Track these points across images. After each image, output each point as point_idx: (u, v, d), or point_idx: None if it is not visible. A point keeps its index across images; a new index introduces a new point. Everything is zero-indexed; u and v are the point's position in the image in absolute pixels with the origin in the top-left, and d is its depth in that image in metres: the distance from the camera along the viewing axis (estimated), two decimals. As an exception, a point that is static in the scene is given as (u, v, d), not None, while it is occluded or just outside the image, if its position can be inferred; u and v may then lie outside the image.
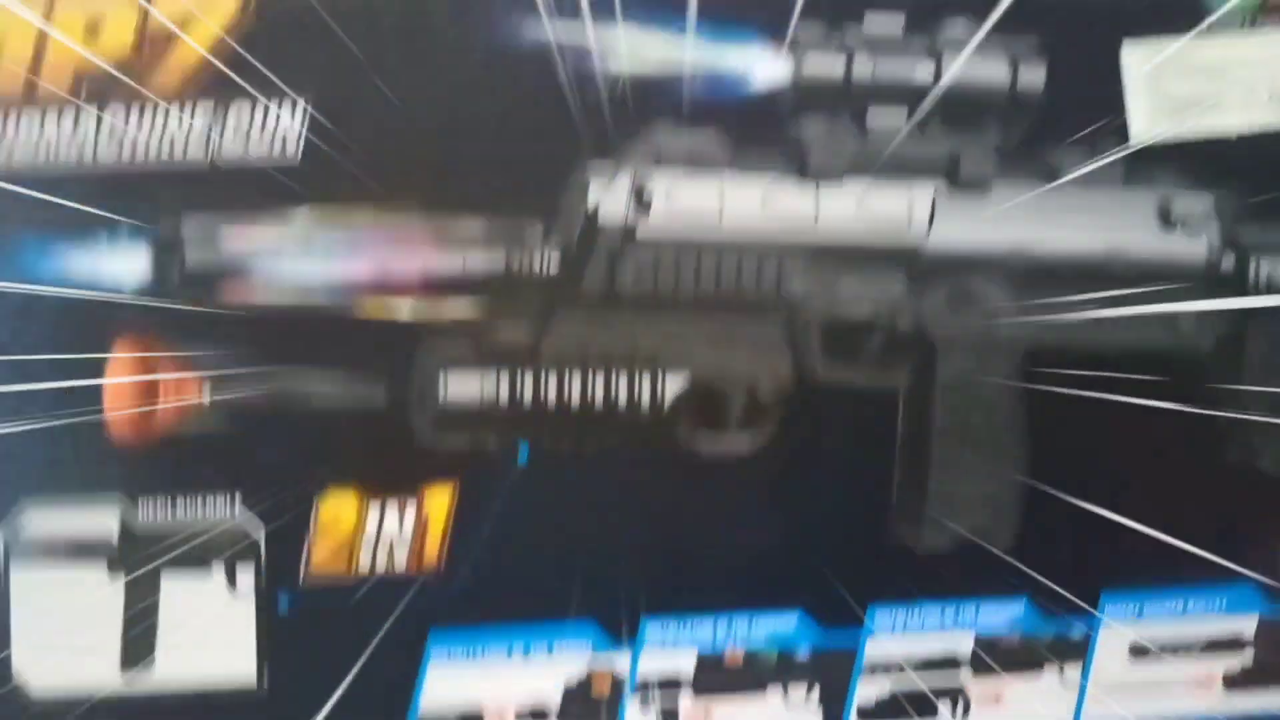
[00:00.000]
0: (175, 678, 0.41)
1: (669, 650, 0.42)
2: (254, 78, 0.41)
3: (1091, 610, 0.43)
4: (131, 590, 0.42)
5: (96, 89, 0.41)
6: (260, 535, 0.42)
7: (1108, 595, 0.43)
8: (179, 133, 0.42)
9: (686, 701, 0.42)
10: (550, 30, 0.42)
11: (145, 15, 0.41)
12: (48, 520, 0.41)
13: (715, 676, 0.42)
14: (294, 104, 0.41)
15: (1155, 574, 0.42)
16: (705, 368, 0.43)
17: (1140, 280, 0.44)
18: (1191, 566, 0.42)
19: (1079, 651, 0.43)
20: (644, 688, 0.42)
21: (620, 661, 0.42)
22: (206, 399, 0.41)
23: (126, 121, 0.41)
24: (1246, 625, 0.43)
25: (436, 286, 0.42)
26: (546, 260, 0.42)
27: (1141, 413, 0.43)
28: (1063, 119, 0.43)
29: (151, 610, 0.42)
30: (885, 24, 0.43)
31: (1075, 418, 0.43)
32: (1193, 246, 0.44)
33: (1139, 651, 0.43)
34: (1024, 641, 0.43)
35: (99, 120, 0.41)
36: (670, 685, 0.42)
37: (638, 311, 0.42)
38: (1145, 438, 0.43)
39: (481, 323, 0.42)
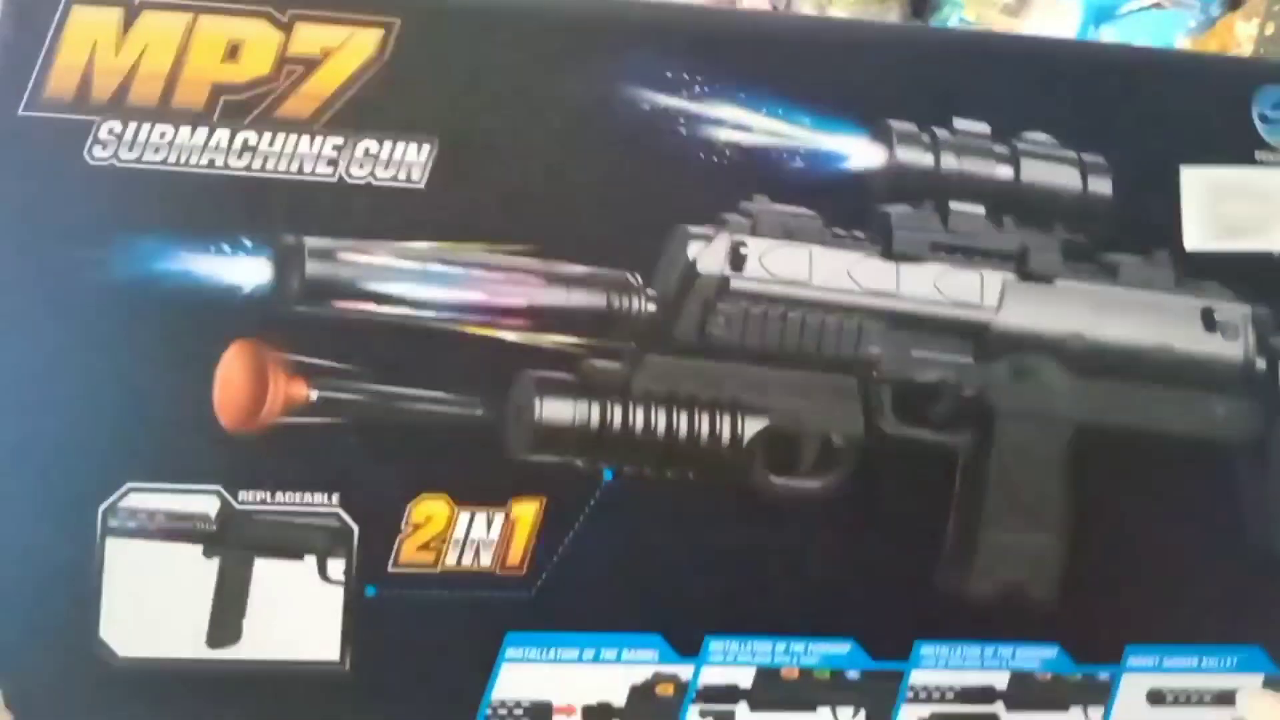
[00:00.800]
0: (260, 652, 0.44)
1: (729, 667, 0.46)
2: (385, 115, 0.44)
3: (1116, 658, 0.47)
4: (224, 572, 0.44)
5: (231, 108, 0.44)
6: (354, 534, 0.44)
7: (1131, 648, 0.47)
8: (309, 154, 0.44)
9: (744, 711, 0.46)
10: (667, 98, 0.45)
11: (284, 45, 0.44)
12: (150, 501, 0.44)
13: (771, 692, 0.46)
14: (420, 144, 0.44)
15: (1175, 632, 0.47)
16: (783, 414, 0.46)
17: (1182, 373, 0.49)
18: (1208, 628, 0.47)
19: (1103, 694, 0.47)
20: (704, 696, 0.45)
21: (684, 672, 0.45)
22: (314, 399, 0.44)
23: (259, 138, 0.44)
24: (1253, 682, 0.48)
25: (540, 318, 0.45)
26: (644, 304, 0.45)
27: (1174, 488, 0.48)
28: (1124, 226, 0.48)
29: (242, 592, 0.44)
30: (972, 127, 0.47)
31: (1115, 488, 0.48)
32: (1230, 349, 0.49)
33: (1156, 698, 0.47)
34: (1054, 681, 0.47)
35: (232, 135, 0.44)
36: (729, 696, 0.46)
37: (724, 357, 0.46)
38: (1176, 511, 0.48)
39: (579, 355, 0.45)
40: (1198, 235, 0.48)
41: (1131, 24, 0.86)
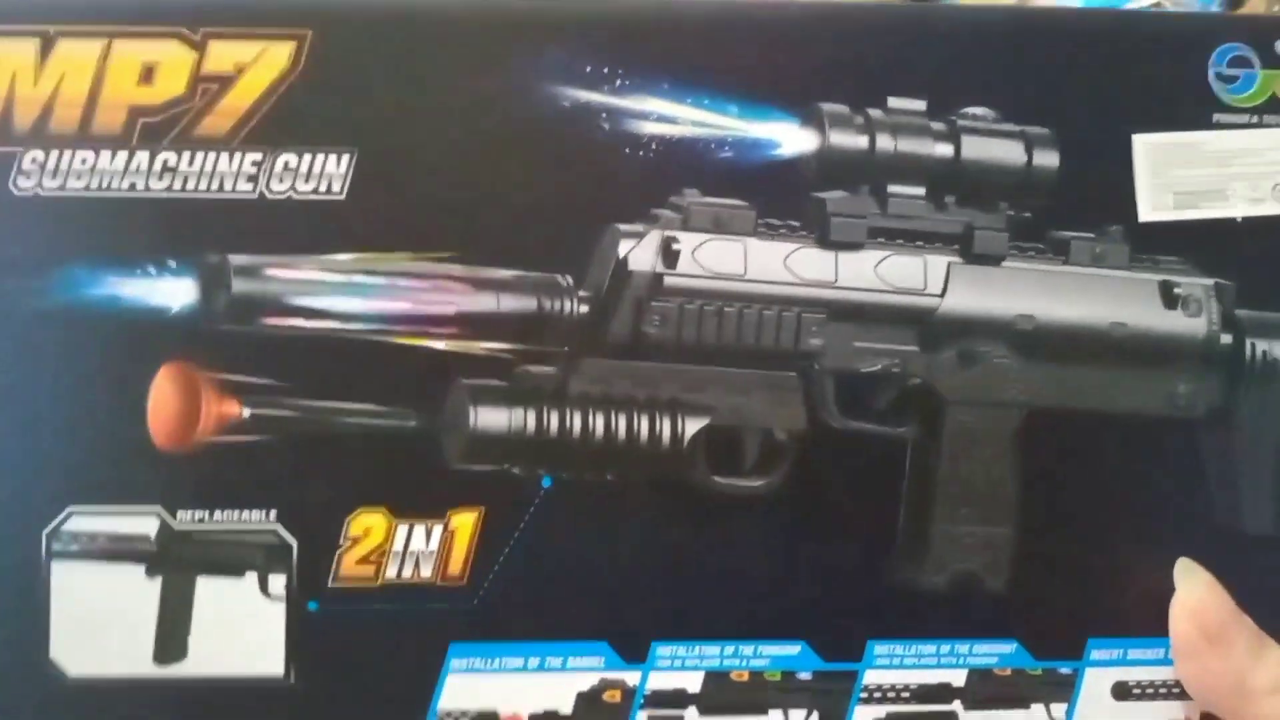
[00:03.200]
0: (206, 668, 0.45)
1: (677, 672, 0.46)
2: (302, 128, 0.45)
3: (1078, 653, 0.46)
4: (167, 591, 0.45)
5: (149, 130, 0.44)
6: (293, 550, 0.45)
7: (1094, 641, 0.46)
8: (229, 171, 0.44)
9: (693, 716, 0.46)
10: (588, 94, 0.45)
11: (198, 63, 0.44)
12: (91, 524, 0.45)
13: (721, 696, 0.46)
14: (339, 155, 0.45)
15: (1140, 623, 0.46)
16: (723, 412, 0.46)
17: (1141, 352, 0.47)
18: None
19: (1066, 689, 0.46)
20: (653, 702, 0.46)
21: (631, 679, 0.46)
22: (246, 417, 0.45)
23: (179, 159, 0.44)
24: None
25: (470, 325, 0.45)
26: (576, 306, 0.45)
27: (1133, 473, 0.47)
28: (1074, 201, 0.47)
29: (186, 609, 0.45)
30: (907, 105, 0.46)
31: (1071, 474, 0.47)
32: (1191, 325, 0.47)
33: (1122, 692, 0.46)
34: (1014, 677, 0.46)
35: (151, 157, 0.44)
36: (678, 701, 0.46)
37: (661, 356, 0.46)
38: (1136, 496, 0.47)
39: (512, 361, 0.45)
40: (1153, 206, 0.47)
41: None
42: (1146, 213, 0.47)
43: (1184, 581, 0.45)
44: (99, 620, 0.45)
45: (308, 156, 0.45)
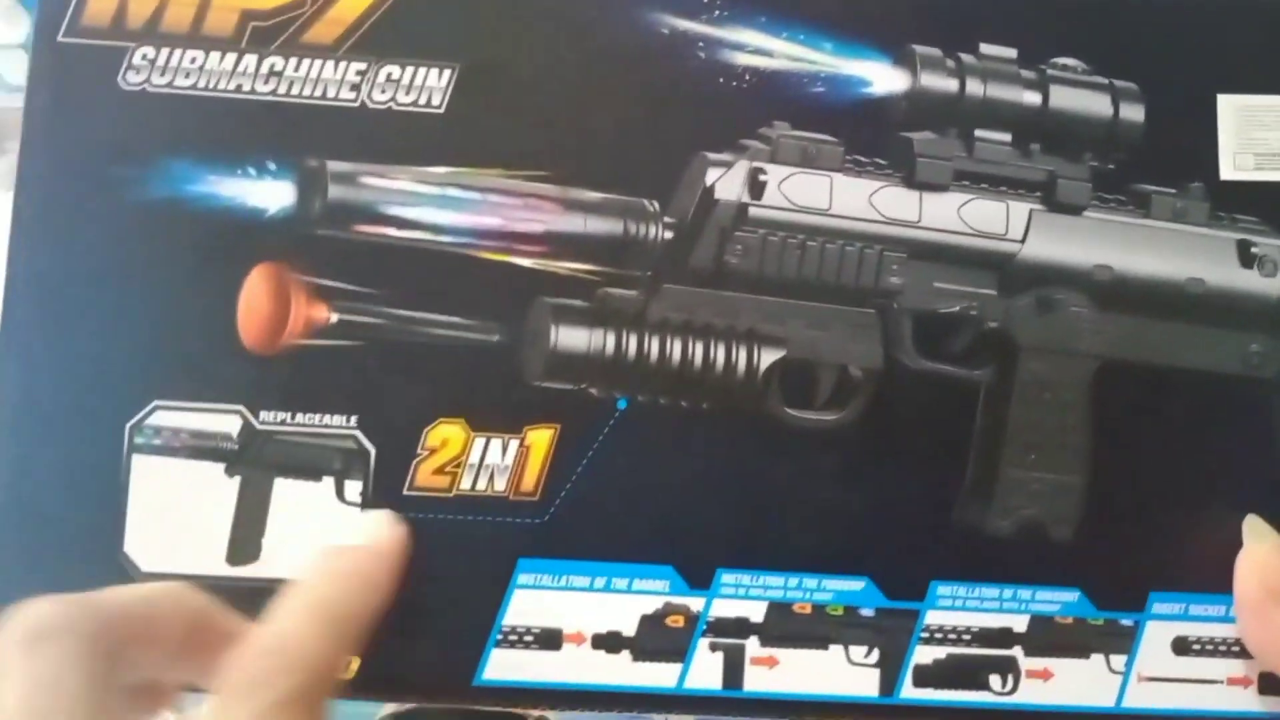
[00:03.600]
0: (279, 571, 0.45)
1: (741, 600, 0.46)
2: (407, 41, 0.46)
3: (1140, 606, 0.47)
4: (244, 491, 0.46)
5: (258, 34, 0.46)
6: (371, 456, 0.46)
7: (1156, 594, 0.47)
8: (333, 79, 0.46)
9: (754, 645, 0.46)
10: (687, 22, 0.46)
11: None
12: (175, 419, 0.46)
13: (783, 627, 0.46)
14: (441, 69, 0.46)
15: (1202, 579, 0.46)
16: (800, 345, 0.47)
17: (1215, 309, 0.48)
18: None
19: (1126, 641, 0.46)
20: (715, 629, 0.46)
21: (694, 604, 0.46)
22: (334, 321, 0.46)
23: (285, 64, 0.45)
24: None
25: (556, 244, 0.46)
26: (660, 231, 0.46)
27: (1203, 430, 0.47)
28: (1157, 156, 0.48)
29: (262, 511, 0.46)
30: (998, 52, 0.47)
31: (1142, 428, 0.47)
32: (1267, 285, 0.48)
33: (1181, 647, 0.46)
34: (1075, 626, 0.46)
35: (259, 60, 0.45)
36: (740, 630, 0.46)
37: (742, 286, 0.47)
38: (1205, 453, 0.47)
39: (595, 282, 0.46)
40: (1235, 165, 0.48)
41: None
42: (1228, 171, 0.48)
43: (1252, 538, 0.45)
44: (175, 517, 0.45)
45: (410, 69, 0.46)
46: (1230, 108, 0.48)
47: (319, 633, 0.39)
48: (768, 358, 0.47)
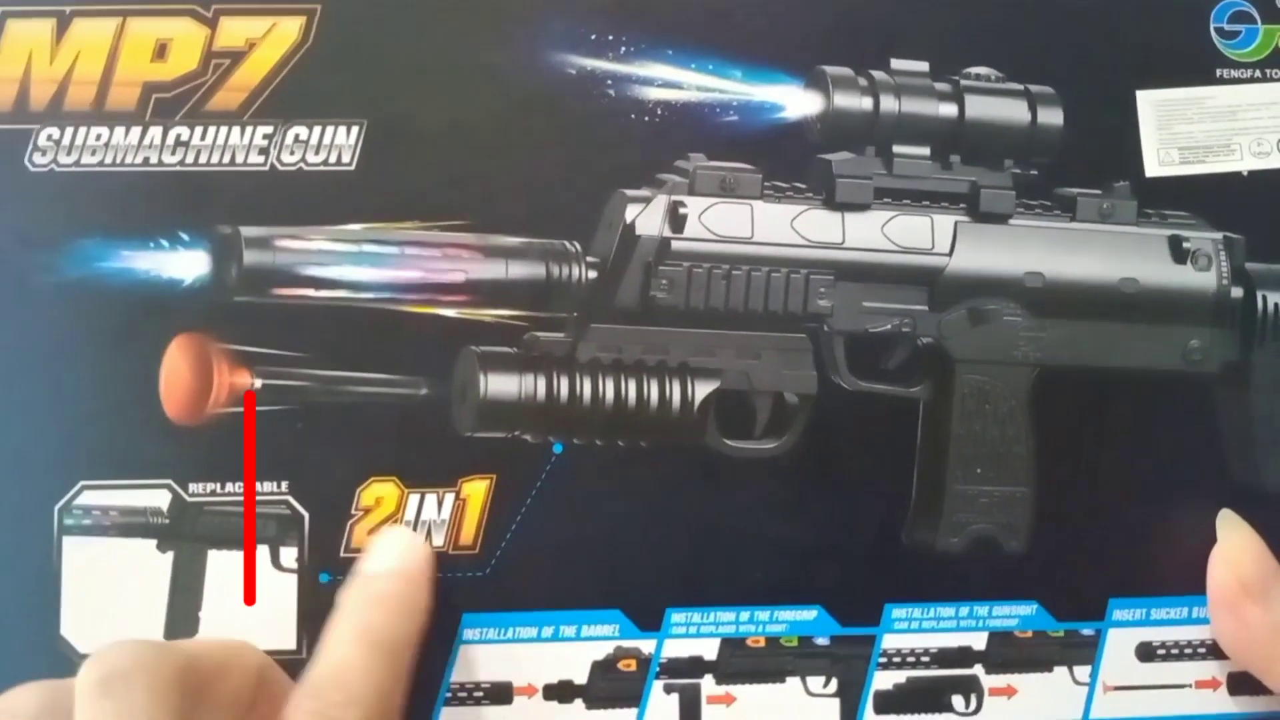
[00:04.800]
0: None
1: (692, 639, 0.45)
2: (312, 101, 0.46)
3: (1100, 614, 0.46)
4: (178, 565, 0.45)
5: (162, 106, 0.46)
6: (305, 521, 0.45)
7: (1115, 601, 0.46)
8: (241, 144, 0.45)
9: (710, 684, 0.45)
10: (593, 61, 0.46)
11: (210, 39, 0.45)
12: (103, 498, 0.45)
13: (737, 662, 0.46)
14: (349, 127, 0.46)
15: (1161, 582, 0.46)
16: (734, 375, 0.47)
17: (1152, 308, 0.48)
18: (1196, 576, 0.46)
19: (1089, 651, 0.46)
20: (668, 670, 0.45)
21: (645, 647, 0.45)
22: (257, 387, 0.45)
23: (191, 133, 0.45)
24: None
25: (480, 292, 0.45)
26: (584, 272, 0.45)
27: (1149, 430, 0.47)
28: (1080, 158, 0.48)
29: (197, 583, 0.45)
30: (911, 67, 0.47)
31: (1087, 433, 0.47)
32: (1201, 279, 0.48)
33: (1146, 653, 0.46)
34: (1036, 639, 0.46)
35: (164, 132, 0.45)
36: (694, 669, 0.46)
37: (670, 320, 0.46)
38: (1152, 454, 0.47)
39: (522, 327, 0.46)
40: (1159, 161, 0.47)
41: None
42: (1153, 168, 0.48)
43: (1225, 532, 0.45)
44: (110, 596, 0.45)
45: (318, 128, 0.46)
46: (1150, 103, 0.48)
47: (377, 664, 0.39)
48: (702, 390, 0.46)
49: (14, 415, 0.45)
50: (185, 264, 0.45)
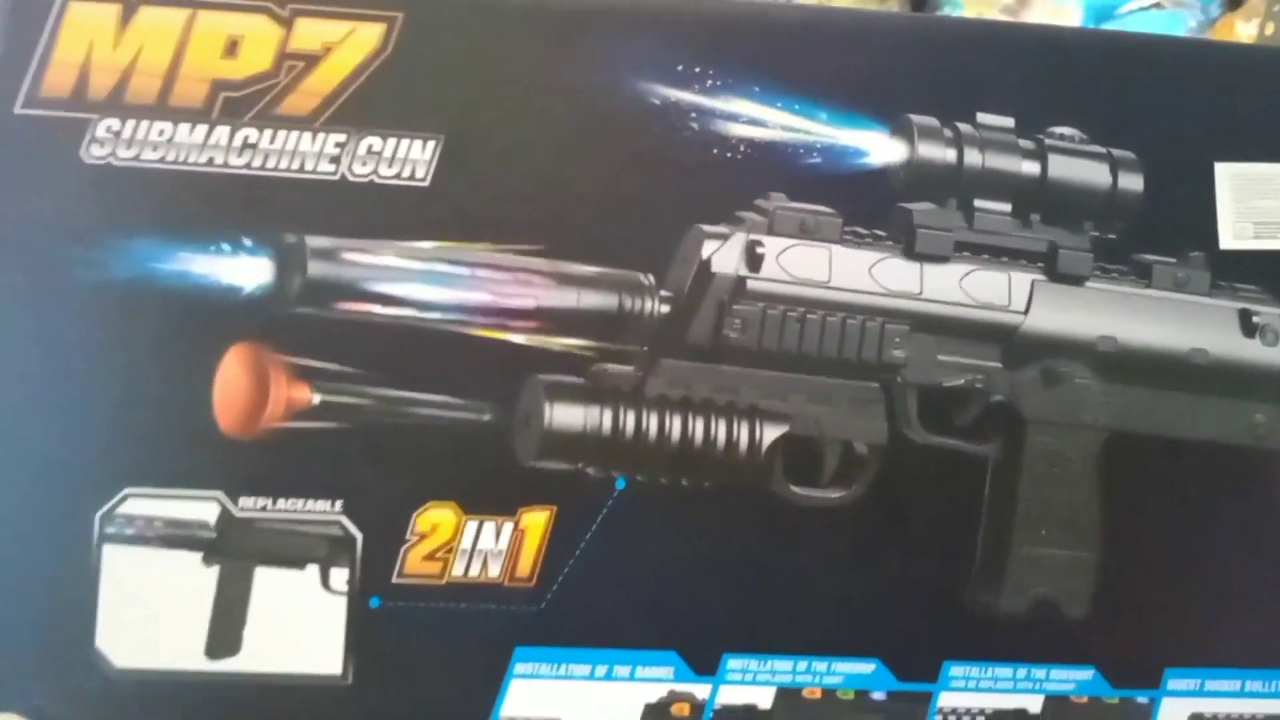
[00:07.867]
0: (260, 664, 0.43)
1: (748, 686, 0.45)
2: (388, 111, 0.44)
3: (1156, 682, 0.46)
4: (223, 581, 0.44)
5: (231, 105, 0.44)
6: (358, 543, 0.44)
7: (1171, 670, 0.46)
8: (311, 151, 0.44)
9: (764, 735, 0.45)
10: (679, 92, 0.45)
11: (285, 40, 0.44)
12: (147, 508, 0.43)
13: (792, 713, 0.45)
14: (425, 141, 0.44)
15: (1218, 653, 0.46)
16: (803, 421, 0.46)
17: (1219, 379, 0.48)
18: (1252, 650, 0.46)
19: (1143, 719, 0.46)
20: (722, 717, 0.45)
21: (700, 691, 0.45)
22: (316, 403, 0.44)
23: (260, 135, 0.44)
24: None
25: (550, 320, 0.44)
26: (656, 305, 0.45)
27: (1213, 502, 0.47)
28: (1157, 225, 0.48)
29: (242, 601, 0.44)
30: (996, 121, 0.47)
31: (1152, 501, 0.47)
32: (1270, 354, 0.48)
33: (1198, 724, 0.46)
34: (1091, 705, 0.46)
35: (232, 132, 0.44)
36: (748, 717, 0.45)
37: (741, 361, 0.46)
38: (1216, 525, 0.47)
39: (590, 358, 0.45)
40: (1234, 234, 0.48)
41: (1131, 24, 0.85)
42: (1227, 240, 0.48)
43: None
44: (149, 609, 0.43)
45: (392, 140, 0.45)
46: (1228, 176, 0.48)
47: None
48: (770, 434, 0.46)
49: (57, 416, 0.43)
50: (246, 271, 0.44)
